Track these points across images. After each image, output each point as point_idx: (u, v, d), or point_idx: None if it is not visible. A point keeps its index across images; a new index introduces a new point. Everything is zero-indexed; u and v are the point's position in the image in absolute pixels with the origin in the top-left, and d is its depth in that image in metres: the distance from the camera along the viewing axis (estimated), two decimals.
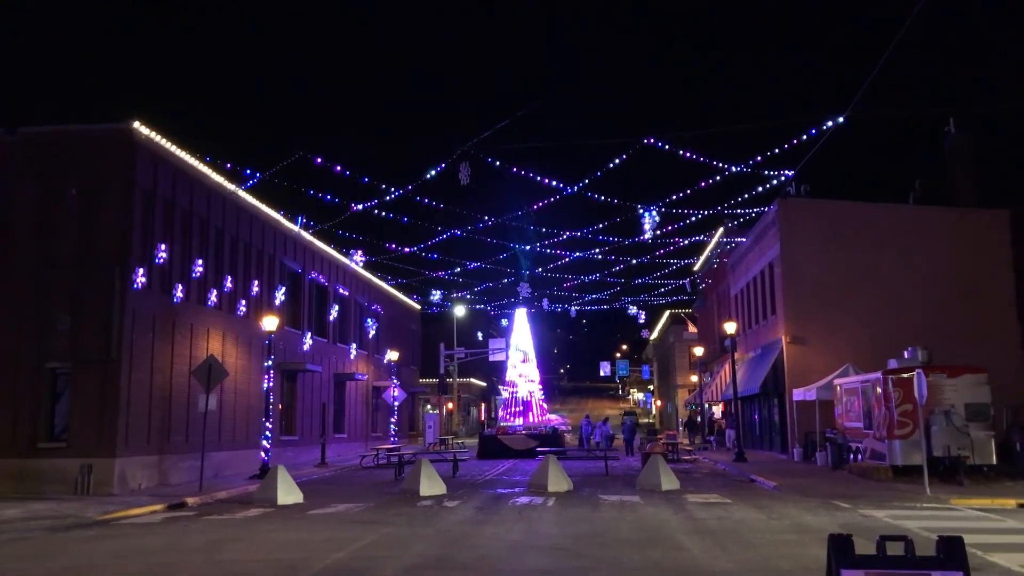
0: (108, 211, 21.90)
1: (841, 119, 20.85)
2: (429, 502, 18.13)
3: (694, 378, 62.02)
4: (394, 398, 41.27)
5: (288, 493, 18.63)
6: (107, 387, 21.22)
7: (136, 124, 21.99)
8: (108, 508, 17.66)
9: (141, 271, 22.11)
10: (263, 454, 25.80)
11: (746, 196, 27.82)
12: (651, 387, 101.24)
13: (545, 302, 45.50)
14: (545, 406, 44.18)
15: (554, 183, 24.11)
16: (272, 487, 18.56)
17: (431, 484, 19.65)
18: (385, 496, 19.81)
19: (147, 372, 22.69)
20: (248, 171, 25.05)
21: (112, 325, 21.39)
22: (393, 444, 38.02)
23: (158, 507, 18.41)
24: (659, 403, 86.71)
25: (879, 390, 21.99)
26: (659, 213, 24.55)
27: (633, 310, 47.08)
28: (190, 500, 19.60)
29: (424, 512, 16.37)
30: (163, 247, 23.32)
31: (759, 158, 22.83)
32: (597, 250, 35.24)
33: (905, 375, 21.49)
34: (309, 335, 34.65)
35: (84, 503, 18.69)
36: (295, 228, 29.86)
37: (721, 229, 42.05)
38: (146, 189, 22.68)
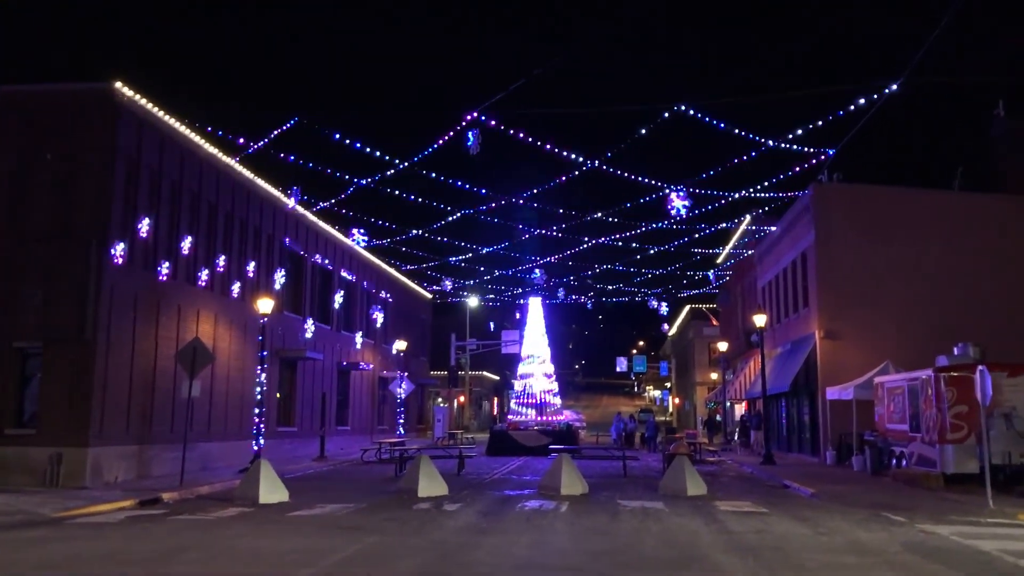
0: (86, 178, 20.10)
1: (895, 87, 18.70)
2: (427, 504, 16.19)
3: (714, 375, 59.77)
4: (401, 390, 39.45)
5: (271, 491, 16.77)
6: (81, 369, 19.43)
7: (118, 84, 20.15)
8: (71, 504, 15.86)
9: (121, 245, 20.29)
10: (255, 446, 24.00)
11: (780, 178, 25.69)
12: (668, 384, 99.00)
13: (560, 292, 43.40)
14: (559, 401, 42.17)
15: (573, 156, 22.02)
16: (254, 484, 16.70)
17: (431, 483, 17.72)
18: (380, 496, 17.90)
19: (127, 354, 20.88)
20: (242, 141, 23.14)
21: (87, 302, 19.58)
22: (399, 438, 36.16)
23: (127, 503, 16.60)
24: (677, 401, 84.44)
25: (929, 390, 19.86)
26: (688, 194, 22.39)
27: (654, 303, 44.90)
28: (166, 496, 17.78)
29: (419, 517, 14.44)
30: (147, 220, 21.50)
31: (799, 131, 20.69)
32: (617, 236, 33.09)
33: (959, 373, 19.37)
34: (311, 321, 32.80)
35: (47, 497, 16.90)
36: (290, 203, 27.91)
37: (748, 218, 39.81)
38: (129, 156, 20.86)
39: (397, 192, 26.15)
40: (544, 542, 11.84)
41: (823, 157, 23.67)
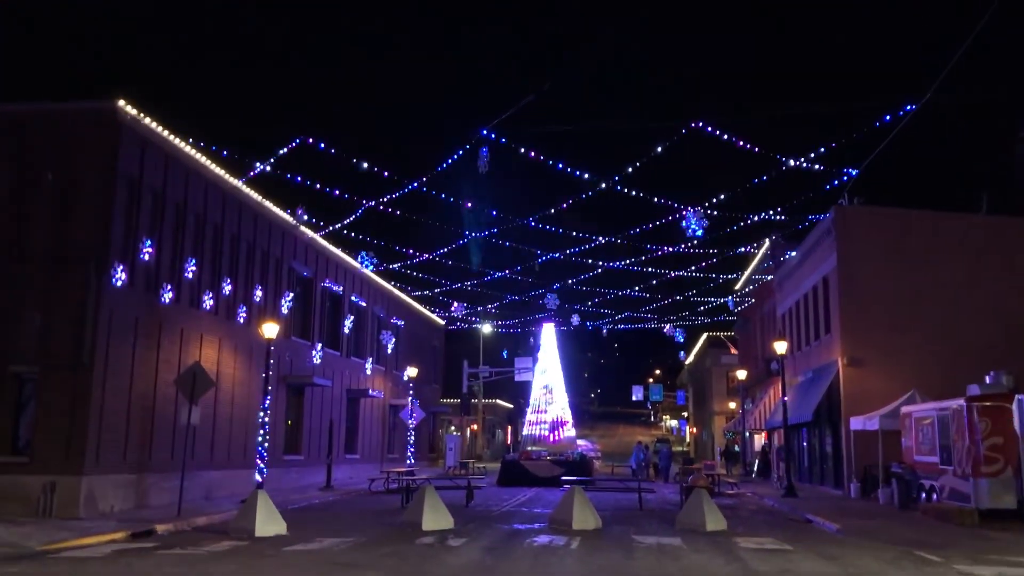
0: (86, 199, 19.61)
1: (919, 103, 17.97)
2: (430, 539, 15.35)
3: (732, 404, 58.56)
4: (411, 417, 38.64)
5: (269, 523, 16.01)
6: (77, 396, 18.80)
7: (120, 102, 19.71)
8: (60, 535, 15.16)
9: (122, 267, 19.77)
10: (257, 475, 23.24)
11: (801, 200, 24.92)
12: (685, 413, 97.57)
13: (575, 319, 42.56)
14: (573, 431, 41.19)
15: (586, 176, 21.36)
16: (250, 516, 15.95)
17: (435, 516, 16.89)
18: (382, 528, 17.08)
19: (126, 380, 20.25)
20: (247, 160, 22.68)
21: (86, 326, 19.00)
22: (408, 467, 35.29)
23: (119, 535, 15.87)
24: (694, 430, 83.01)
25: (962, 420, 18.88)
26: (705, 215, 21.64)
27: (670, 330, 43.93)
28: (160, 527, 17.05)
29: (420, 552, 13.62)
30: (149, 243, 20.98)
31: (821, 150, 19.96)
32: (631, 260, 32.34)
33: (993, 403, 18.42)
34: (319, 347, 32.16)
35: (37, 528, 16.19)
36: (292, 220, 27.37)
37: (767, 243, 39.02)
38: (131, 176, 20.39)
39: (407, 214, 25.54)
40: None
41: (845, 178, 22.90)
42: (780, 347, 29.58)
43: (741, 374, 44.15)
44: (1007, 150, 32.67)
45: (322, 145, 21.10)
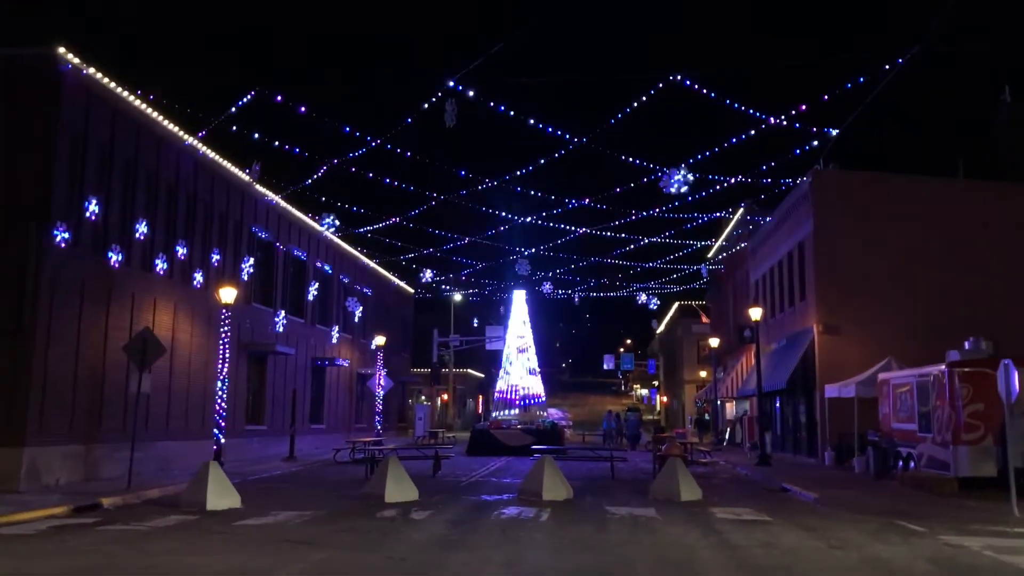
0: (25, 154, 18.32)
1: (903, 59, 17.18)
2: (392, 512, 14.55)
3: (703, 373, 58.36)
4: (380, 386, 37.79)
5: (221, 495, 15.12)
6: (17, 362, 17.66)
7: (61, 50, 18.39)
8: None
9: (65, 227, 18.54)
10: (215, 446, 22.32)
11: (778, 162, 24.19)
12: (656, 383, 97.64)
13: (547, 286, 41.78)
14: (545, 398, 40.57)
15: (559, 132, 20.41)
16: (201, 488, 15.05)
17: (399, 488, 16.10)
18: (343, 501, 16.26)
19: (72, 346, 19.12)
20: (202, 115, 21.44)
21: (25, 288, 17.83)
22: (377, 437, 34.49)
23: (60, 510, 14.88)
24: (665, 399, 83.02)
25: (942, 386, 18.39)
26: (683, 177, 20.79)
27: (643, 298, 43.34)
28: (107, 501, 16.08)
29: (381, 527, 12.80)
30: (96, 201, 19.75)
31: (802, 107, 19.16)
32: (605, 226, 31.53)
33: (976, 369, 17.93)
34: (283, 314, 31.08)
35: None
36: (247, 178, 26.18)
37: (742, 209, 38.42)
38: (75, 130, 19.10)
39: (371, 175, 24.47)
40: (520, 560, 10.25)
41: (825, 140, 22.16)
42: (755, 313, 29.03)
43: (714, 342, 43.76)
44: (983, 115, 32.15)
45: (279, 98, 19.91)
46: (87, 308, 19.69)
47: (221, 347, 22.94)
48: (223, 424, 22.68)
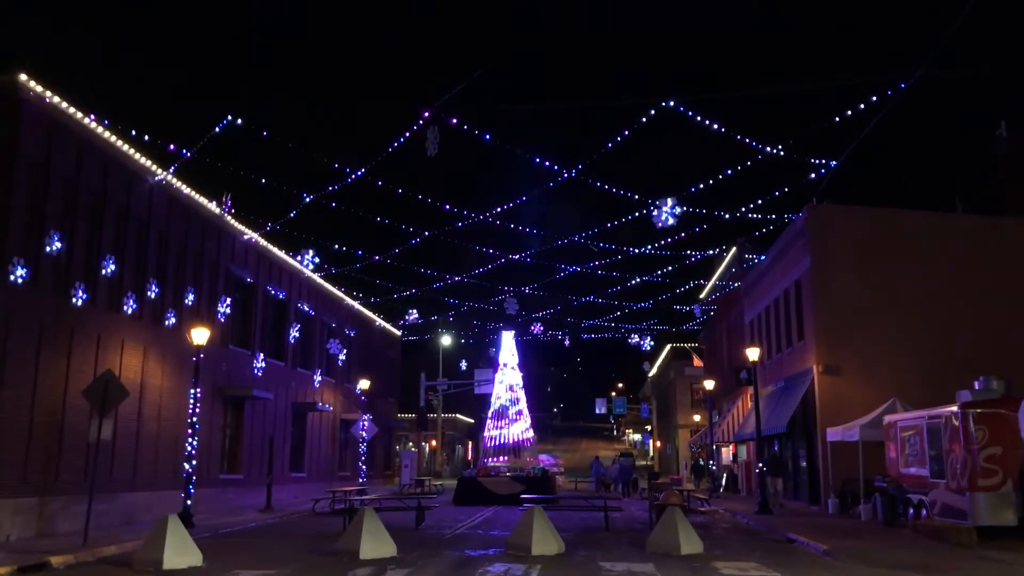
0: None
1: (904, 84, 16.46)
2: (366, 570, 13.27)
3: (697, 417, 57.12)
4: (364, 432, 36.44)
5: (181, 552, 13.81)
6: None
7: (22, 76, 17.49)
8: None
9: (22, 263, 17.46)
10: (184, 496, 20.96)
11: (772, 197, 23.40)
12: (649, 427, 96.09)
13: (537, 327, 40.71)
14: (535, 444, 39.17)
15: (547, 164, 19.54)
16: (158, 545, 13.74)
17: (375, 542, 14.81)
18: (314, 557, 14.96)
19: (27, 391, 17.88)
20: (176, 149, 20.49)
21: None
22: (360, 486, 33.06)
23: (4, 570, 13.55)
24: (658, 444, 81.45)
25: (955, 429, 17.29)
26: (676, 208, 19.93)
27: (635, 338, 42.31)
28: (58, 559, 14.73)
29: None
30: (58, 236, 18.68)
31: (798, 138, 18.34)
32: (596, 264, 30.61)
33: (991, 410, 16.88)
34: (261, 356, 29.84)
35: None
36: (217, 211, 25.17)
37: (734, 249, 37.69)
38: (34, 162, 18.12)
39: (353, 210, 23.53)
40: None
41: (823, 171, 21.39)
42: (752, 353, 27.98)
43: (709, 384, 42.63)
44: (983, 151, 31.60)
45: (257, 130, 19.02)
46: (46, 350, 18.50)
47: (193, 391, 21.71)
48: (193, 474, 21.35)
